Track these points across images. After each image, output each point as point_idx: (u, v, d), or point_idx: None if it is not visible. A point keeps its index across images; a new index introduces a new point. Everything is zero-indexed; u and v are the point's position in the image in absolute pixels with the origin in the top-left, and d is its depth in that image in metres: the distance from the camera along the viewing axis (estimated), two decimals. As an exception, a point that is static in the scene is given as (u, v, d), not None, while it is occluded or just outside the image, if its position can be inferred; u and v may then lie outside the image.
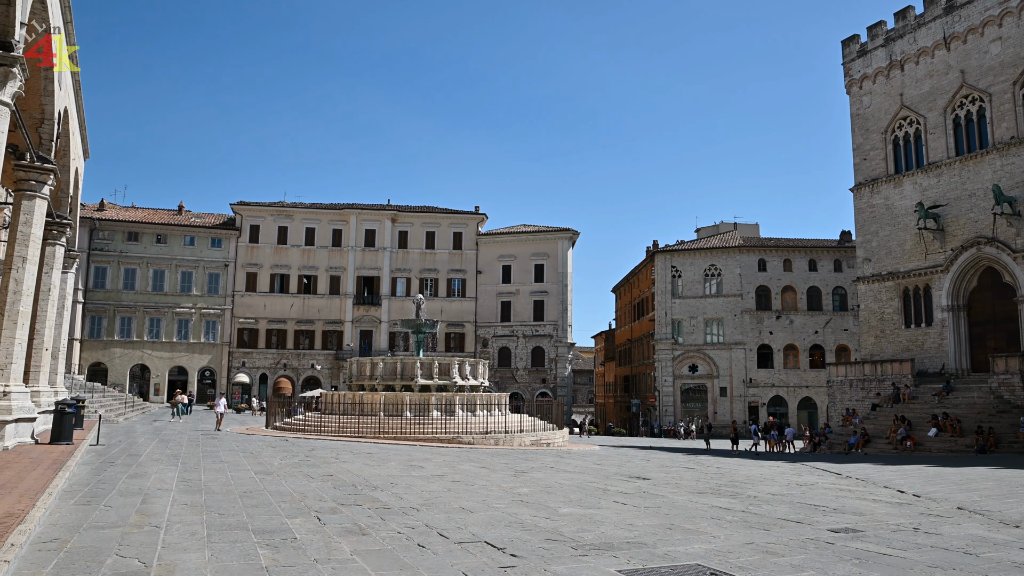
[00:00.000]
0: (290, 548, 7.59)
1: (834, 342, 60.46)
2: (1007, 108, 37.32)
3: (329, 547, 7.73)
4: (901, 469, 22.05)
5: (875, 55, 44.15)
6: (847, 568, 7.36)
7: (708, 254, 63.11)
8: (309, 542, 7.94)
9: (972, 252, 38.33)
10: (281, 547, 7.62)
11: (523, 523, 9.72)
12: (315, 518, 9.54)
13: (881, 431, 35.28)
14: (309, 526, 8.93)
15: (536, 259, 68.48)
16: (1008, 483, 17.27)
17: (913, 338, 40.97)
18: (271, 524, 8.98)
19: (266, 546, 7.64)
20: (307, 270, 66.81)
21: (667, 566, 7.26)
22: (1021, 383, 32.51)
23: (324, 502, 11.05)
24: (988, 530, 10.06)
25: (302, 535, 8.31)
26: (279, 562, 6.93)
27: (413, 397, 31.93)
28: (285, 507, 10.39)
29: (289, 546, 7.69)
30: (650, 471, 19.31)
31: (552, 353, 67.03)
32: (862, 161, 44.57)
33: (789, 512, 11.50)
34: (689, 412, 61.53)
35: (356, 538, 8.29)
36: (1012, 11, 37.19)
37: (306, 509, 10.28)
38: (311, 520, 9.37)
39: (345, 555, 7.37)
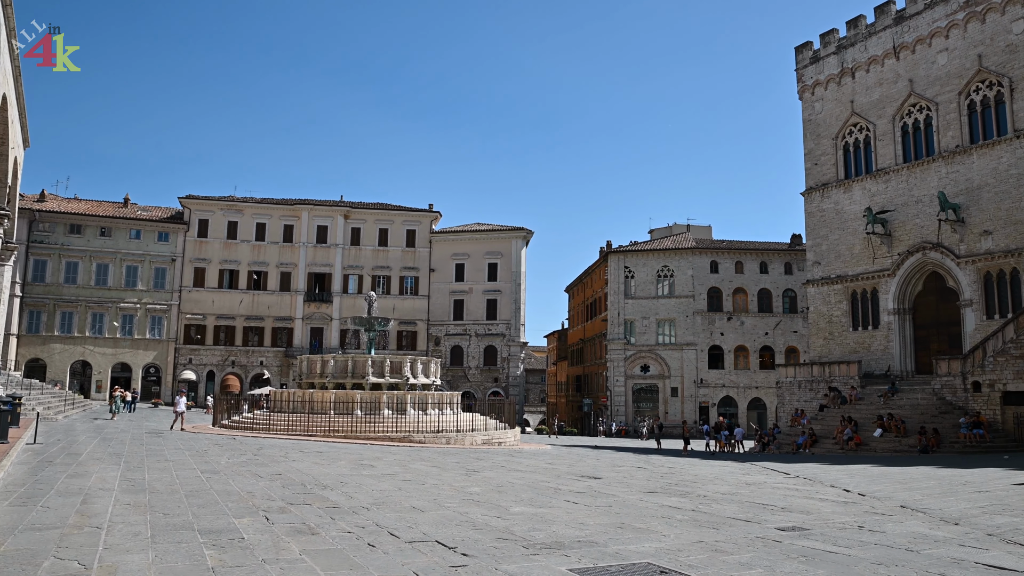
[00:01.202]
0: (237, 548, 7.46)
1: (784, 344, 61.54)
2: (952, 117, 38.38)
3: (278, 547, 7.61)
4: (847, 468, 22.50)
5: (827, 62, 45.05)
6: (794, 566, 7.47)
7: (661, 255, 63.74)
8: (257, 542, 7.81)
9: (918, 257, 39.33)
10: (228, 547, 7.49)
11: (474, 522, 9.69)
12: (263, 517, 9.40)
13: (828, 431, 36.01)
14: (257, 526, 8.79)
15: (490, 258, 68.45)
16: (949, 482, 17.74)
17: (860, 340, 41.90)
18: (218, 524, 8.82)
19: (213, 546, 7.49)
20: (257, 266, 65.80)
21: (618, 564, 7.29)
22: (962, 385, 33.47)
23: (273, 501, 10.89)
24: (929, 528, 10.32)
25: (250, 535, 8.18)
26: (226, 562, 6.81)
27: (364, 395, 31.64)
28: (232, 507, 10.21)
29: (236, 546, 7.55)
30: (601, 470, 19.42)
31: (505, 352, 67.08)
32: (813, 166, 45.43)
33: (738, 511, 11.65)
34: (640, 412, 62.08)
35: (305, 538, 8.18)
36: (958, 24, 38.26)
37: (254, 508, 10.12)
38: (259, 520, 9.23)
39: (294, 555, 7.27)
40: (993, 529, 10.19)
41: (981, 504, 13.14)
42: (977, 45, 37.50)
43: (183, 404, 31.53)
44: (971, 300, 36.85)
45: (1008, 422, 31.31)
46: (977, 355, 32.92)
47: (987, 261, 36.31)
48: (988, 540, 9.33)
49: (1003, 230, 35.78)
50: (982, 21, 37.32)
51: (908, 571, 7.33)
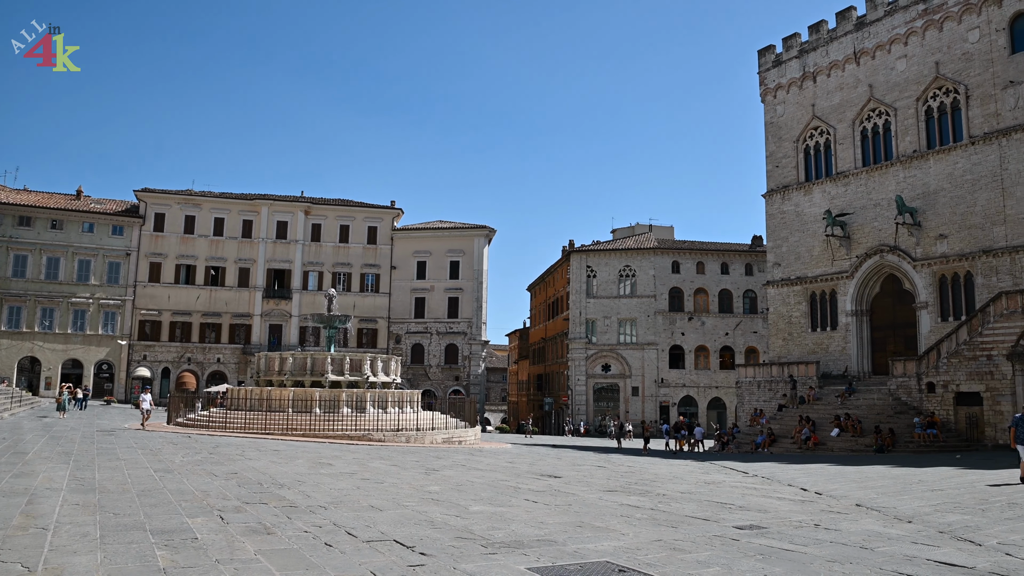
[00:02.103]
0: (191, 548, 7.31)
1: (744, 344, 62.26)
2: (911, 123, 39.13)
3: (232, 547, 7.48)
4: (805, 468, 22.82)
5: (789, 66, 45.64)
6: (751, 563, 7.54)
7: (623, 255, 64.09)
8: (211, 542, 7.66)
9: (875, 259, 40.03)
10: (181, 547, 7.33)
11: (433, 521, 9.66)
12: (218, 517, 9.24)
13: (787, 431, 36.48)
14: (211, 525, 8.63)
15: (452, 256, 68.24)
16: (903, 481, 18.08)
17: (819, 341, 42.54)
18: (171, 524, 8.63)
19: (165, 547, 7.32)
20: (215, 261, 64.77)
21: (576, 563, 7.30)
22: (917, 385, 34.13)
23: (228, 500, 10.72)
24: (883, 525, 10.49)
25: (204, 535, 8.02)
26: (178, 563, 6.66)
27: (323, 393, 31.36)
28: (186, 506, 10.02)
29: (190, 546, 7.40)
30: (561, 469, 19.46)
31: (466, 350, 66.96)
32: (774, 168, 46.01)
33: (697, 510, 11.74)
34: (601, 411, 62.39)
35: (261, 537, 8.06)
36: (917, 31, 39.02)
37: (208, 508, 9.95)
38: (214, 519, 9.07)
39: (249, 555, 7.15)
40: (945, 527, 10.40)
41: (934, 502, 13.40)
42: (935, 52, 38.29)
43: (149, 401, 30.70)
44: (926, 302, 37.61)
45: (961, 422, 32.03)
46: (932, 356, 33.61)
47: (942, 264, 37.08)
48: (940, 537, 9.53)
49: (958, 234, 36.57)
50: (940, 29, 38.12)
51: (862, 568, 7.44)
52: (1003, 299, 31.19)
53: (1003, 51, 35.58)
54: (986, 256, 35.21)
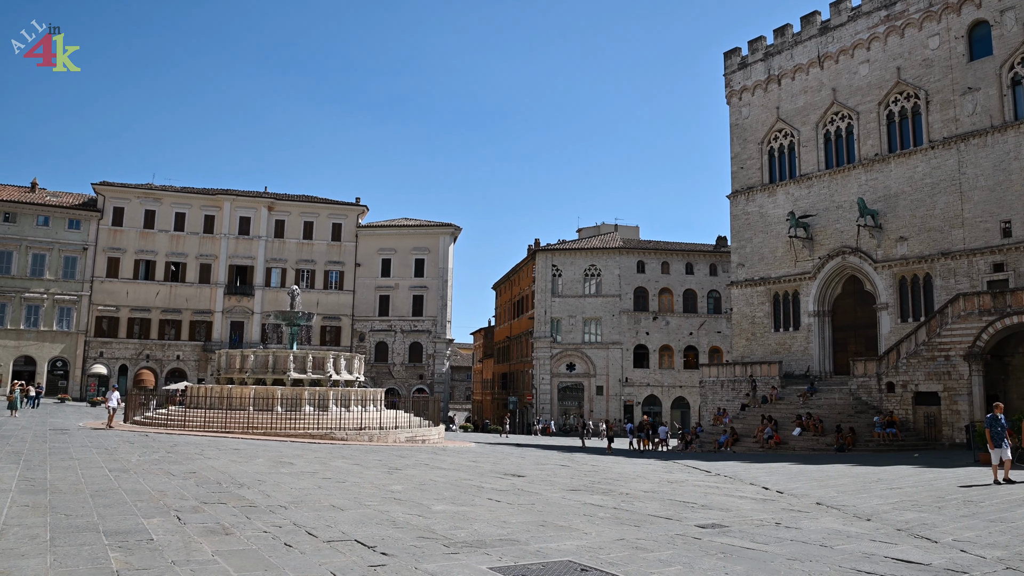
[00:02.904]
0: (146, 550, 7.13)
1: (707, 344, 62.81)
2: (873, 127, 39.78)
3: (189, 548, 7.32)
4: (767, 467, 23.03)
5: (755, 68, 46.14)
6: (713, 562, 7.57)
7: (589, 254, 64.32)
8: (167, 543, 7.49)
9: (837, 261, 40.63)
10: (136, 549, 7.15)
11: (395, 521, 9.57)
12: (175, 517, 9.04)
13: (749, 430, 36.86)
14: (168, 526, 8.44)
15: (417, 253, 67.96)
16: (863, 479, 18.33)
17: (782, 341, 43.05)
18: (125, 525, 8.42)
19: (119, 548, 7.13)
20: (176, 257, 63.73)
21: (539, 563, 7.27)
22: (877, 385, 34.70)
23: (185, 500, 10.51)
24: (843, 524, 10.61)
25: (160, 536, 7.84)
26: (132, 565, 6.49)
27: (285, 391, 31.03)
28: (142, 506, 9.80)
29: (145, 548, 7.22)
30: (525, 469, 19.45)
31: (430, 349, 66.73)
32: (739, 170, 46.48)
33: (659, 508, 11.78)
34: (566, 410, 62.57)
35: (219, 538, 7.91)
36: (879, 37, 39.70)
37: (165, 508, 9.74)
38: (170, 520, 8.87)
39: (206, 556, 7.01)
40: (902, 524, 10.55)
41: (892, 500, 13.60)
42: (896, 58, 38.97)
43: (116, 399, 29.78)
44: (887, 304, 38.27)
45: (919, 421, 32.65)
46: (891, 357, 34.19)
47: (902, 266, 37.75)
48: (897, 535, 9.66)
49: (918, 236, 37.25)
50: (901, 35, 38.81)
51: (822, 566, 7.51)
52: (961, 301, 31.84)
53: (962, 58, 36.33)
54: (945, 258, 35.92)
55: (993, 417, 17.08)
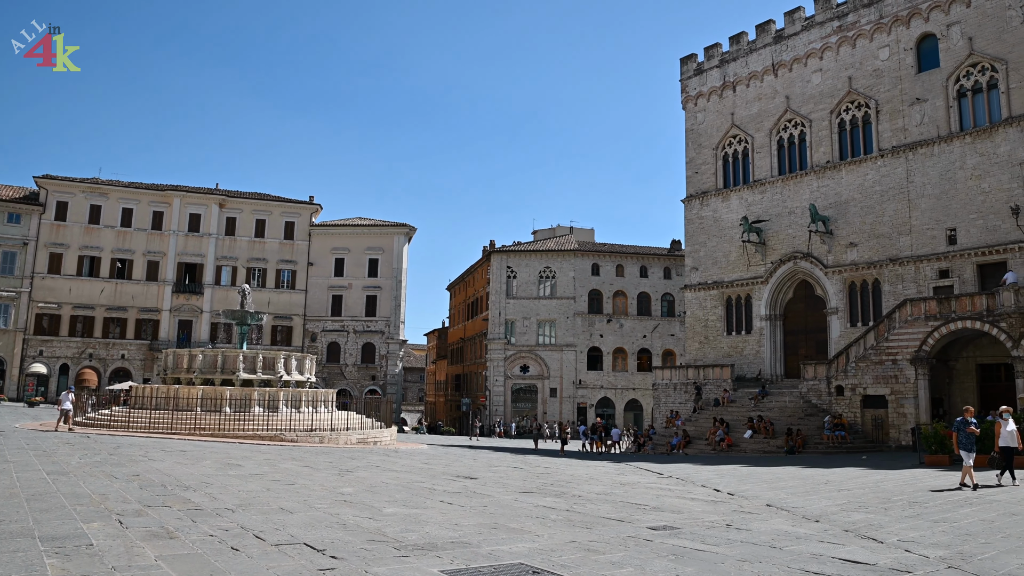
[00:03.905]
0: (84, 556, 6.88)
1: (661, 346, 63.35)
2: (824, 134, 40.54)
3: (131, 553, 7.09)
4: (718, 469, 23.23)
5: (710, 75, 46.68)
6: (664, 564, 7.59)
7: (544, 256, 64.46)
8: (108, 548, 7.24)
9: (789, 266, 41.28)
10: (74, 555, 6.89)
11: (345, 524, 9.45)
12: (116, 521, 8.77)
13: (702, 432, 37.21)
14: (109, 530, 8.17)
15: (371, 253, 67.41)
16: (812, 481, 18.61)
17: (734, 345, 43.58)
18: (63, 530, 8.13)
19: (55, 554, 6.86)
20: (122, 253, 62.20)
21: (490, 566, 7.23)
22: (827, 388, 35.31)
23: (128, 504, 10.22)
24: (792, 525, 10.73)
25: (100, 541, 7.58)
26: (70, 572, 6.25)
27: (234, 392, 30.54)
28: (82, 510, 9.48)
29: (83, 553, 6.97)
30: (478, 471, 19.39)
31: (383, 350, 66.24)
32: (694, 174, 46.96)
33: (612, 511, 11.79)
34: (520, 412, 62.60)
35: (163, 542, 7.70)
36: (832, 47, 40.50)
37: (106, 512, 9.44)
38: (111, 524, 8.60)
39: (149, 561, 6.80)
40: (850, 525, 10.72)
41: (840, 502, 13.81)
42: (848, 68, 39.78)
43: (69, 401, 28.47)
44: (837, 308, 38.99)
45: (867, 424, 33.31)
46: (841, 360, 34.85)
47: (852, 272, 38.51)
48: (845, 536, 9.81)
49: (867, 243, 38.03)
50: (853, 46, 39.63)
51: (771, 567, 7.58)
52: (908, 306, 32.58)
53: (911, 69, 37.23)
54: (893, 264, 36.74)
55: (963, 420, 16.57)
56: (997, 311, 29.13)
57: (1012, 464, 16.79)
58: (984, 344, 31.69)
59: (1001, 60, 33.98)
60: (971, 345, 32.75)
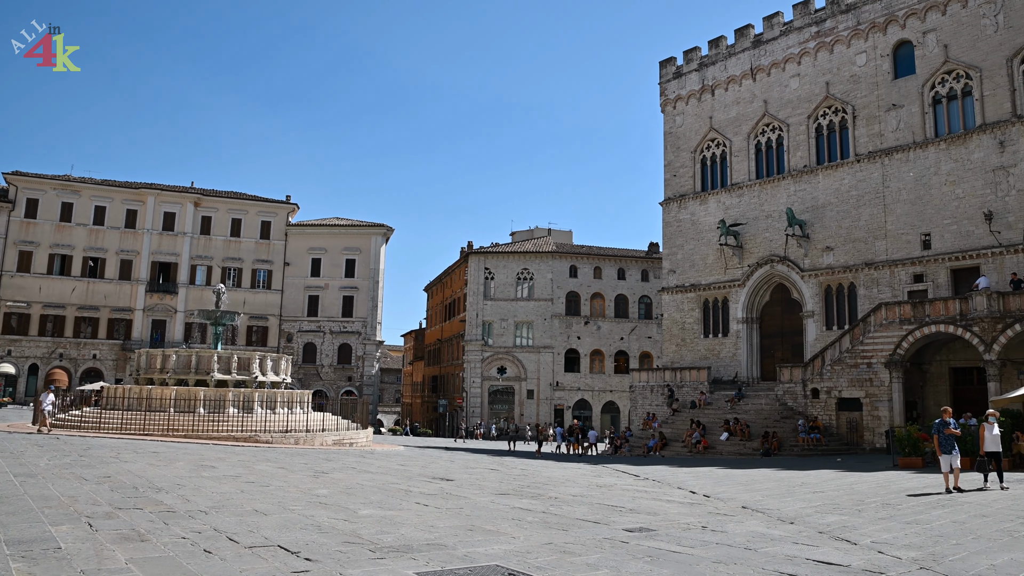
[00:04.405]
0: (52, 559, 6.75)
1: (638, 349, 63.55)
2: (802, 139, 40.83)
3: (100, 556, 6.97)
4: (694, 471, 23.30)
5: (689, 78, 46.86)
6: (639, 566, 7.60)
7: (522, 258, 64.47)
8: (76, 551, 7.11)
9: (766, 269, 41.51)
10: (41, 559, 6.75)
11: (320, 526, 9.38)
12: (86, 524, 8.63)
13: (678, 435, 37.32)
14: (78, 533, 8.04)
15: (348, 253, 67.07)
16: (787, 483, 18.72)
17: (711, 347, 43.75)
18: (30, 533, 7.98)
19: (22, 558, 6.72)
20: (94, 252, 61.37)
21: (466, 567, 7.20)
22: (803, 391, 35.56)
23: (98, 506, 10.06)
24: (767, 527, 10.78)
25: (69, 544, 7.45)
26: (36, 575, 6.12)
27: (208, 393, 30.24)
28: (50, 513, 9.32)
29: (51, 557, 6.83)
30: (454, 472, 19.33)
31: (360, 351, 65.92)
32: (672, 177, 47.13)
33: (588, 513, 11.79)
34: (496, 414, 62.54)
35: (133, 545, 7.58)
36: (810, 52, 40.82)
37: (76, 515, 9.29)
38: (81, 527, 8.46)
39: (119, 564, 6.68)
40: (824, 527, 10.79)
41: (815, 504, 13.91)
42: (825, 73, 40.11)
43: (51, 402, 27.82)
44: (813, 312, 39.27)
45: (842, 427, 33.60)
46: (816, 364, 35.11)
47: (828, 275, 38.79)
48: (819, 538, 9.88)
49: (843, 247, 38.35)
50: (830, 52, 39.98)
51: (745, 569, 7.62)
52: (883, 310, 32.91)
53: (887, 76, 37.62)
54: (868, 268, 37.08)
55: (942, 422, 16.19)
56: (970, 315, 29.51)
57: (1000, 467, 16.61)
58: (957, 348, 32.07)
59: (975, 68, 34.42)
60: (944, 349, 33.13)
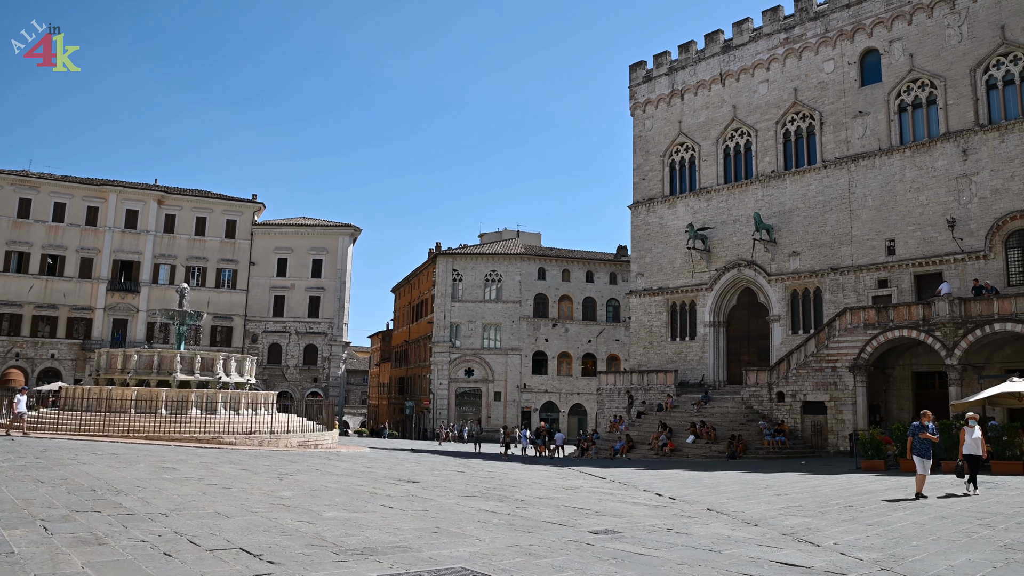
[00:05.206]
0: (4, 564, 6.55)
1: (606, 351, 63.78)
2: (770, 144, 41.28)
3: (55, 560, 6.79)
4: (660, 473, 23.39)
5: (659, 82, 47.16)
6: (605, 568, 7.59)
7: (490, 259, 64.45)
8: (30, 556, 6.92)
9: (733, 273, 41.88)
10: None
11: (283, 528, 9.26)
12: (41, 528, 8.41)
13: (645, 437, 37.47)
14: (33, 537, 7.83)
15: (315, 254, 66.52)
16: (752, 486, 18.86)
17: (678, 350, 44.02)
18: (-18, 537, 7.76)
19: (-29, 563, 6.54)
20: (54, 249, 60.10)
21: (430, 570, 7.15)
22: (768, 395, 35.95)
23: (55, 509, 9.82)
24: (732, 529, 10.83)
25: (22, 548, 7.25)
26: (-13, 581, 5.96)
27: (170, 393, 29.86)
28: (3, 517, 9.07)
29: (3, 562, 6.64)
30: (420, 474, 19.22)
31: (326, 351, 65.40)
32: (641, 181, 47.37)
33: (554, 515, 11.77)
34: (463, 416, 62.41)
35: (91, 548, 7.40)
36: (778, 58, 41.31)
37: (30, 518, 9.05)
38: (36, 530, 8.24)
39: (75, 568, 6.52)
40: (788, 529, 10.86)
41: (779, 506, 14.02)
42: (794, 79, 40.61)
43: (23, 403, 27.31)
44: (779, 316, 39.71)
45: (807, 430, 34.02)
46: (782, 367, 35.51)
47: (794, 280, 39.25)
48: (783, 539, 9.94)
49: (809, 252, 38.82)
50: (799, 58, 40.48)
51: (710, 570, 7.64)
52: (847, 314, 33.39)
53: (854, 83, 38.18)
54: (834, 273, 37.57)
55: (920, 425, 15.64)
56: (932, 320, 30.04)
57: (976, 472, 15.99)
58: (920, 352, 32.61)
59: (940, 77, 35.06)
60: (908, 353, 33.67)
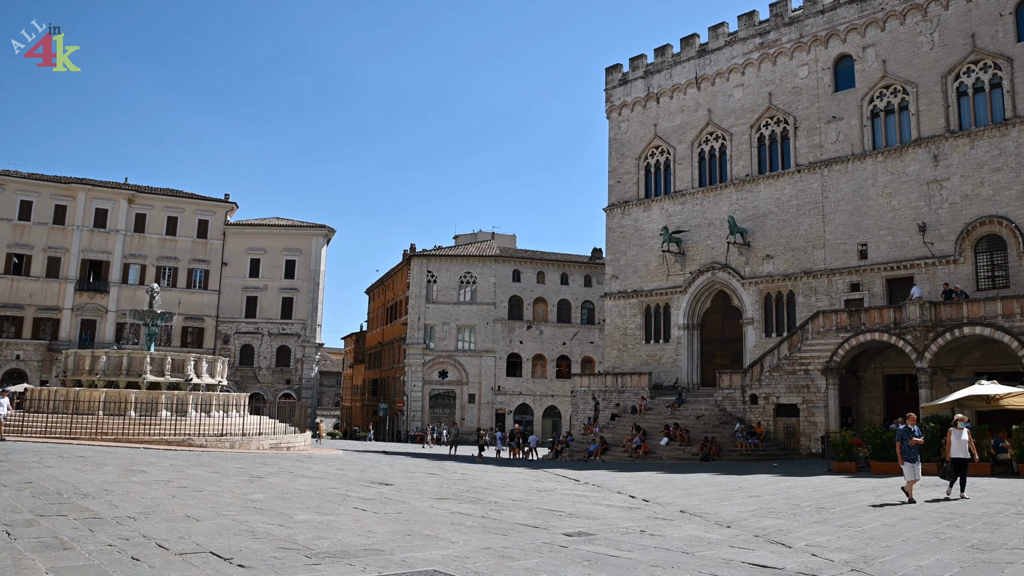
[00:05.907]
0: (-36, 570, 6.41)
1: (580, 354, 63.90)
2: (744, 148, 41.60)
3: (19, 565, 6.65)
4: (634, 475, 23.46)
5: (635, 85, 47.35)
6: (578, 570, 7.59)
7: (465, 261, 64.35)
8: (-8, 561, 6.77)
9: (707, 276, 42.14)
10: (-48, 570, 6.41)
11: (255, 531, 9.15)
12: (3, 532, 8.24)
13: (619, 439, 37.58)
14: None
15: (288, 254, 65.99)
16: (725, 488, 18.96)
17: (652, 353, 44.19)
18: (-60, 542, 7.57)
19: (-70, 569, 6.38)
20: (19, 248, 59.02)
21: (403, 572, 7.12)
22: (742, 397, 36.20)
23: (18, 513, 9.62)
24: (705, 531, 10.88)
25: (-17, 553, 7.08)
26: (-54, 588, 5.81)
27: (140, 395, 29.47)
28: (-36, 522, 8.87)
29: (-36, 567, 6.49)
30: (393, 477, 19.12)
31: (299, 353, 64.88)
32: (616, 183, 47.52)
33: (527, 517, 11.75)
34: (437, 418, 62.21)
35: (55, 553, 7.25)
36: (753, 63, 41.66)
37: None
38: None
39: (39, 574, 6.39)
40: (760, 531, 10.93)
41: (751, 508, 14.10)
42: (769, 84, 40.97)
43: (6, 406, 26.47)
44: (752, 319, 40.00)
45: (780, 432, 34.30)
46: (755, 370, 35.79)
47: (768, 283, 39.57)
48: (755, 541, 10.01)
49: (783, 255, 39.15)
50: (774, 63, 40.85)
51: (682, 572, 7.67)
52: (820, 318, 33.72)
53: (828, 88, 38.60)
54: (807, 277, 37.92)
55: (906, 429, 15.46)
56: (903, 324, 30.41)
57: (964, 475, 15.61)
58: (891, 355, 33.00)
59: (912, 83, 35.53)
60: (879, 356, 34.06)
